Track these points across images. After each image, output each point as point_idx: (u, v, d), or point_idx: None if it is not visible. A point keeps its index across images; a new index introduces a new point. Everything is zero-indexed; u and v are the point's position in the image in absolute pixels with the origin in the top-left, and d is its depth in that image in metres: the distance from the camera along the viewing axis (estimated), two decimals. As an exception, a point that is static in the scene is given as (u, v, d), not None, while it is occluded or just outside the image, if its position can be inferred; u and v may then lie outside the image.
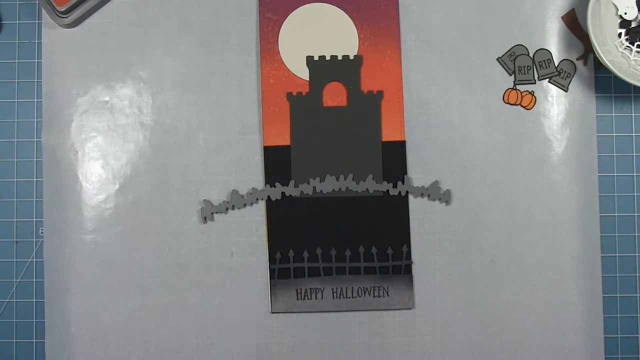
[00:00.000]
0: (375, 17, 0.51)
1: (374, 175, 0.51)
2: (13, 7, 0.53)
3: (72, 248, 0.51)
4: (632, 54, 0.50)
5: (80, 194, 0.51)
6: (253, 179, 0.51)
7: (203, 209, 0.51)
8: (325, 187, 0.51)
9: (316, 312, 0.51)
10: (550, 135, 0.51)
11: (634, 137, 0.52)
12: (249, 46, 0.52)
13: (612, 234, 0.52)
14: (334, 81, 0.51)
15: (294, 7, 0.51)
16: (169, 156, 0.51)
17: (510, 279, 0.51)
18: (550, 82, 0.52)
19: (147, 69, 0.52)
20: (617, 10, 0.50)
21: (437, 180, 0.51)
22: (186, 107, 0.52)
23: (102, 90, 0.52)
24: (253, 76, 0.52)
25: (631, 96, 0.52)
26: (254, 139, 0.51)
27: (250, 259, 0.51)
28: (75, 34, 0.52)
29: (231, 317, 0.51)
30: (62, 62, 0.52)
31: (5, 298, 0.52)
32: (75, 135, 0.52)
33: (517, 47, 0.52)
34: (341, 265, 0.51)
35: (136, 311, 0.51)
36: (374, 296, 0.51)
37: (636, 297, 0.52)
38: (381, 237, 0.51)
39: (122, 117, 0.52)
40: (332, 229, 0.51)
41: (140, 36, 0.52)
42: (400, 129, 0.51)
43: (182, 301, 0.51)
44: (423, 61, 0.52)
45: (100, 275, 0.51)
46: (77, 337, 0.51)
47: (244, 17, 0.52)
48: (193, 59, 0.52)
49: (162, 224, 0.51)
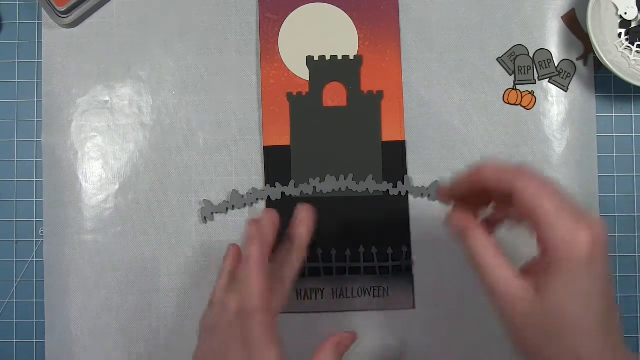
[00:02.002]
0: (375, 17, 0.51)
1: (374, 175, 0.51)
2: (13, 7, 0.53)
3: (72, 248, 0.51)
4: (632, 54, 0.50)
5: (80, 194, 0.51)
6: (253, 179, 0.51)
7: (203, 209, 0.51)
8: (325, 187, 0.51)
9: (316, 312, 0.51)
10: (550, 135, 0.51)
11: (634, 137, 0.52)
12: (249, 46, 0.52)
13: (612, 234, 0.51)
14: (334, 81, 0.51)
15: (294, 7, 0.51)
16: (169, 156, 0.51)
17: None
18: (550, 82, 0.52)
19: (147, 69, 0.52)
20: (617, 10, 0.50)
21: (437, 181, 0.51)
22: (186, 107, 0.52)
23: (102, 90, 0.52)
24: (253, 76, 0.52)
25: (631, 96, 0.52)
26: (254, 139, 0.51)
27: (250, 259, 0.51)
28: (75, 34, 0.52)
29: (231, 317, 0.51)
30: (62, 62, 0.52)
31: (5, 298, 0.52)
32: (75, 135, 0.52)
33: (517, 47, 0.52)
34: (341, 265, 0.51)
35: (136, 311, 0.51)
36: (374, 296, 0.51)
37: (636, 297, 0.52)
38: (381, 237, 0.51)
39: (122, 117, 0.52)
40: (332, 229, 0.51)
41: (140, 36, 0.52)
42: (400, 129, 0.51)
43: (182, 301, 0.51)
44: (423, 61, 0.52)
45: (100, 275, 0.51)
46: (77, 337, 0.51)
47: (244, 17, 0.52)
48: (193, 59, 0.52)
49: (162, 224, 0.51)
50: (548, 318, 0.34)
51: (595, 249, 0.33)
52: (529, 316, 0.34)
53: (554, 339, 0.34)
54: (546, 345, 0.34)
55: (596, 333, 0.34)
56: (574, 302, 0.33)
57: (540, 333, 0.34)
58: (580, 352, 0.33)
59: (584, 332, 0.33)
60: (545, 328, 0.34)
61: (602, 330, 0.34)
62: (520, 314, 0.35)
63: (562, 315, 0.34)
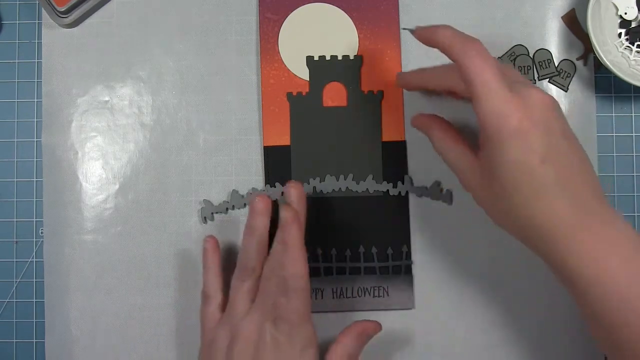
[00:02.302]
0: (375, 17, 0.51)
1: (374, 175, 0.51)
2: (13, 7, 0.53)
3: (72, 248, 0.51)
4: (632, 54, 0.50)
5: (80, 194, 0.51)
6: (253, 179, 0.51)
7: (203, 209, 0.51)
8: (325, 187, 0.51)
9: (316, 312, 0.51)
10: (550, 135, 0.51)
11: (634, 137, 0.52)
12: (249, 46, 0.52)
13: (612, 234, 0.51)
14: (334, 81, 0.51)
15: (294, 7, 0.51)
16: (169, 156, 0.51)
17: (511, 279, 0.51)
18: (550, 82, 0.52)
19: (147, 69, 0.52)
20: (617, 10, 0.50)
21: (439, 181, 0.51)
22: (186, 107, 0.52)
23: (102, 90, 0.52)
24: (253, 76, 0.52)
25: (631, 96, 0.52)
26: (254, 139, 0.51)
27: (250, 259, 0.51)
28: (75, 34, 0.52)
29: (231, 317, 0.51)
30: (62, 62, 0.52)
31: (5, 298, 0.52)
32: (75, 135, 0.52)
33: (517, 47, 0.52)
34: (341, 265, 0.51)
35: (136, 311, 0.51)
36: (374, 296, 0.51)
37: (636, 297, 0.52)
38: (381, 237, 0.51)
39: (122, 117, 0.52)
40: (332, 229, 0.51)
41: (140, 36, 0.52)
42: (401, 129, 0.51)
43: (183, 301, 0.51)
44: (423, 61, 0.52)
45: (100, 275, 0.51)
46: (77, 337, 0.51)
47: (244, 17, 0.52)
48: (193, 59, 0.52)
49: (162, 224, 0.51)
50: (493, 186, 0.38)
51: (523, 122, 0.35)
52: (480, 186, 0.40)
53: (502, 201, 0.38)
54: (503, 209, 0.38)
55: (544, 196, 0.36)
56: (507, 171, 0.36)
57: (491, 198, 0.39)
58: (529, 212, 0.36)
59: (528, 196, 0.36)
60: (493, 193, 0.38)
61: (555, 194, 0.36)
62: (474, 185, 0.40)
63: (500, 183, 0.37)
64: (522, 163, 0.36)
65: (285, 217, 0.44)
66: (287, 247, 0.43)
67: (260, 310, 0.44)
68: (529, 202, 0.36)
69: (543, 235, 0.37)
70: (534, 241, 0.38)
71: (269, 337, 0.43)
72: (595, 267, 0.35)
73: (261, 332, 0.43)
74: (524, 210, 0.37)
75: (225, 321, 0.45)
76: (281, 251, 0.43)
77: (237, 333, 0.44)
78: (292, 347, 0.43)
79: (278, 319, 0.43)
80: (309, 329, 0.43)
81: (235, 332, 0.44)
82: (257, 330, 0.43)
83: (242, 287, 0.46)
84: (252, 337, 0.43)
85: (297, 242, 0.43)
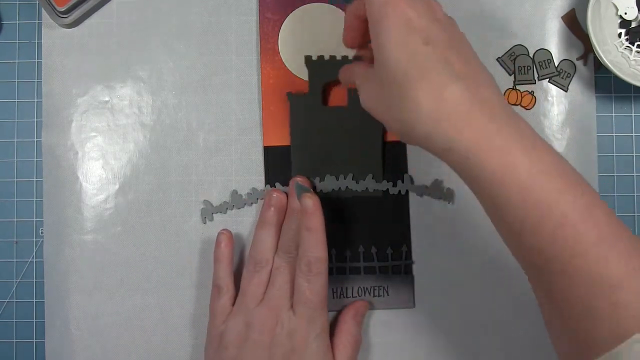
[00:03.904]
0: (375, 17, 0.51)
1: (374, 175, 0.51)
2: (13, 7, 0.53)
3: (72, 248, 0.51)
4: (632, 54, 0.50)
5: (80, 194, 0.51)
6: (253, 179, 0.51)
7: (203, 209, 0.51)
8: (325, 187, 0.51)
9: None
10: (550, 135, 0.51)
11: (634, 137, 0.52)
12: (249, 46, 0.52)
13: (612, 234, 0.51)
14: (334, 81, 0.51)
15: (294, 7, 0.51)
16: (169, 156, 0.51)
17: (511, 279, 0.51)
18: (550, 82, 0.52)
19: (147, 69, 0.52)
20: (617, 10, 0.50)
21: (440, 180, 0.51)
22: (186, 107, 0.52)
23: (102, 90, 0.52)
24: (253, 76, 0.52)
25: (631, 96, 0.52)
26: (254, 139, 0.51)
27: (250, 259, 0.51)
28: (75, 34, 0.52)
29: (231, 317, 0.51)
30: (62, 62, 0.52)
31: (5, 298, 0.52)
32: (75, 135, 0.52)
33: (517, 47, 0.52)
34: (341, 265, 0.51)
35: (136, 311, 0.51)
36: (374, 296, 0.51)
37: (636, 297, 0.52)
38: (381, 237, 0.51)
39: (122, 117, 0.52)
40: (332, 229, 0.51)
41: (140, 36, 0.52)
42: (400, 129, 0.51)
43: (182, 301, 0.51)
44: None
45: (100, 275, 0.51)
46: (77, 337, 0.51)
47: (244, 17, 0.52)
48: (193, 59, 0.52)
49: (162, 224, 0.51)
50: (383, 82, 0.37)
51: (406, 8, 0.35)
52: (374, 90, 0.39)
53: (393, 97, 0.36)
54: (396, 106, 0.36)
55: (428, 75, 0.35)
56: (393, 57, 0.35)
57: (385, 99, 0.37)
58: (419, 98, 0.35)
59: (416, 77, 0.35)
60: (386, 91, 0.37)
61: (440, 72, 0.35)
62: (371, 92, 0.39)
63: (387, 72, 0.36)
64: (405, 44, 0.35)
65: (308, 204, 0.45)
66: (311, 232, 0.44)
67: (275, 298, 0.45)
68: (417, 83, 0.35)
69: (441, 128, 0.34)
70: (437, 141, 0.35)
71: (286, 322, 0.44)
72: (499, 157, 0.34)
73: (279, 318, 0.45)
74: (414, 98, 0.35)
75: (238, 311, 0.46)
76: (305, 237, 0.45)
77: (252, 321, 0.45)
78: (308, 333, 0.44)
79: (297, 303, 0.44)
80: (325, 315, 0.45)
81: (250, 321, 0.45)
82: (274, 317, 0.45)
83: (255, 278, 0.46)
84: (267, 324, 0.45)
85: (321, 227, 0.45)
